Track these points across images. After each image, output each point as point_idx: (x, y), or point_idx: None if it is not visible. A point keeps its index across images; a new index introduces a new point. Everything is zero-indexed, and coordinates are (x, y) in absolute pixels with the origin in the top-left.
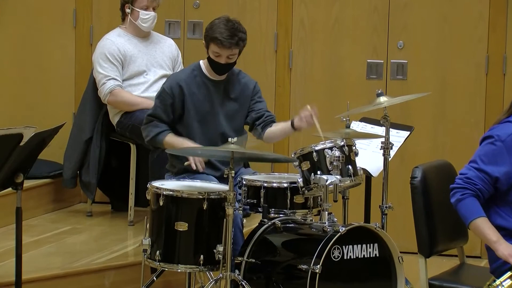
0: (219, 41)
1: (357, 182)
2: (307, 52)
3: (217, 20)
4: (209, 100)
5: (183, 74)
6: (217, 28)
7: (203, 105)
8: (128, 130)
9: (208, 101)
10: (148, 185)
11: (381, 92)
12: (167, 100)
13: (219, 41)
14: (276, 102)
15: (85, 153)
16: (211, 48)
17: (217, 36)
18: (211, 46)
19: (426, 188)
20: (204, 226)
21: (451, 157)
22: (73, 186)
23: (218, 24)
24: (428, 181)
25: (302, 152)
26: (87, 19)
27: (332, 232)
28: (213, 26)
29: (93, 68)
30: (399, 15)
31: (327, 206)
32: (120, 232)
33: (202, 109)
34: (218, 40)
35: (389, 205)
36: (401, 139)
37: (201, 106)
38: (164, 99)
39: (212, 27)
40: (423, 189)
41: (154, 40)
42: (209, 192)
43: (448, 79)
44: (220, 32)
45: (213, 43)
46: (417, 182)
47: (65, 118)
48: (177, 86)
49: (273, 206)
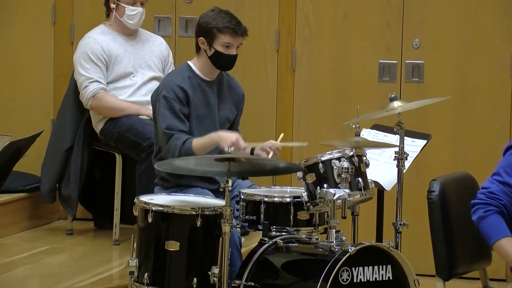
0: (232, 29)
1: (368, 196)
2: (313, 51)
3: (211, 12)
4: (206, 104)
5: (176, 76)
6: (220, 18)
7: (200, 110)
8: (113, 139)
9: (205, 105)
10: (135, 199)
11: (395, 96)
12: (175, 106)
13: (232, 29)
14: (278, 107)
15: (65, 164)
16: (219, 40)
17: (227, 25)
18: (221, 37)
19: (444, 204)
20: (197, 246)
21: (472, 169)
22: (52, 201)
23: (219, 14)
24: (447, 195)
25: (306, 163)
26: (68, 15)
27: (340, 252)
28: (214, 17)
29: (74, 69)
30: (415, 10)
31: (335, 223)
32: (104, 253)
33: (200, 113)
34: (231, 28)
35: (403, 222)
36: (417, 149)
37: (199, 110)
38: (171, 107)
39: (214, 18)
40: (442, 205)
41: (142, 39)
42: (203, 208)
43: (469, 82)
44: (228, 21)
45: (224, 34)
46: (434, 197)
47: (43, 126)
48: (178, 88)
49: (274, 223)
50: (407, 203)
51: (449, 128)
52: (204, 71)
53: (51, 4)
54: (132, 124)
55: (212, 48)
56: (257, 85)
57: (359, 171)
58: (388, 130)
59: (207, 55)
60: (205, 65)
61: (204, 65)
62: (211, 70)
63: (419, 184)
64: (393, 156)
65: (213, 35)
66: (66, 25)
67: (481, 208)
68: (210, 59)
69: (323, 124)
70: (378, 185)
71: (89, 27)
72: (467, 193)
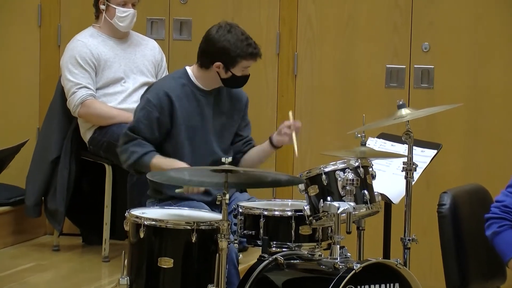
0: (255, 54)
1: (375, 210)
2: (315, 55)
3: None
4: (199, 114)
5: (169, 82)
6: (240, 43)
7: (193, 120)
8: (103, 149)
9: (199, 115)
10: (126, 213)
11: (403, 103)
12: (153, 113)
13: (255, 54)
14: (278, 115)
15: (51, 175)
16: (240, 65)
17: (251, 51)
18: (242, 63)
19: (456, 218)
20: (192, 263)
21: (485, 181)
22: (37, 215)
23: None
24: (458, 209)
25: (309, 174)
26: (55, 17)
27: (345, 270)
28: (233, 41)
29: (62, 74)
30: (424, 12)
31: (339, 239)
32: (93, 270)
33: (192, 124)
34: (254, 54)
35: (412, 238)
36: (427, 159)
37: (191, 120)
38: (149, 112)
39: (235, 43)
40: (453, 219)
41: (134, 42)
42: (199, 222)
43: (482, 88)
44: (248, 44)
45: (247, 60)
46: (445, 210)
47: (28, 135)
48: (165, 96)
49: (274, 239)
50: (416, 217)
51: (461, 137)
52: (204, 82)
53: (37, 5)
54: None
55: (229, 72)
56: (256, 92)
57: (365, 183)
58: (396, 139)
59: (220, 77)
60: (207, 79)
61: (205, 78)
62: (212, 84)
63: (428, 197)
64: (401, 167)
65: (235, 62)
66: (52, 27)
67: (495, 223)
68: (223, 81)
69: (327, 133)
70: (385, 198)
71: (77, 29)
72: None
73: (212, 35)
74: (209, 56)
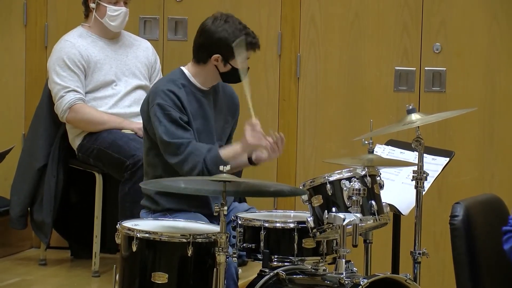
0: (254, 44)
1: (383, 222)
2: (319, 57)
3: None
4: (202, 116)
5: (167, 83)
6: (237, 32)
7: (196, 122)
8: (93, 156)
9: (202, 117)
10: (117, 225)
11: (413, 108)
12: (174, 114)
13: (254, 44)
14: (280, 120)
15: (37, 185)
16: (240, 56)
17: (250, 40)
18: (243, 53)
19: (469, 230)
20: (188, 278)
21: (501, 191)
22: (23, 227)
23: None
24: (472, 221)
25: (313, 183)
26: (41, 16)
27: (351, 286)
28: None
29: (48, 77)
30: (436, 11)
31: (345, 252)
32: (82, 285)
33: (197, 127)
34: (253, 43)
35: (423, 251)
36: (439, 168)
37: (195, 123)
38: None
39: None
40: (466, 231)
41: (126, 42)
42: (195, 235)
43: (497, 91)
44: (246, 34)
45: (248, 51)
46: (458, 222)
47: (13, 141)
48: (174, 97)
49: (276, 252)
50: (427, 230)
51: (475, 144)
52: (202, 80)
53: (23, 3)
54: (114, 139)
55: (228, 65)
56: (256, 95)
57: (372, 193)
58: (405, 146)
59: (219, 71)
60: (205, 75)
61: (203, 75)
62: (210, 81)
63: (440, 208)
64: (411, 176)
65: (228, 53)
66: (39, 27)
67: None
68: (222, 75)
69: (332, 139)
70: (394, 209)
71: (66, 29)
72: (495, 218)
73: (208, 27)
74: (206, 49)
